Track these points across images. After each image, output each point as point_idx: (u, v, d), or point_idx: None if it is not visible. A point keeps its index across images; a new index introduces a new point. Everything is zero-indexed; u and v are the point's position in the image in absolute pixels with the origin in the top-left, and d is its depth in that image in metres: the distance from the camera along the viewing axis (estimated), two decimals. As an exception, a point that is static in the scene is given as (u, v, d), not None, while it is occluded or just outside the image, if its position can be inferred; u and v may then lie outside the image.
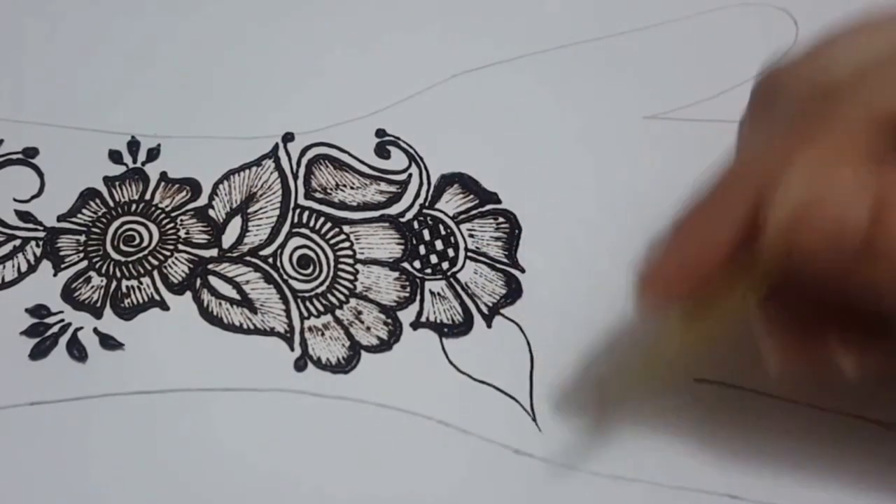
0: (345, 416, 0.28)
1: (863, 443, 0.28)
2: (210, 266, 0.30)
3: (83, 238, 0.31)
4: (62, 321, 0.29)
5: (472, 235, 0.31)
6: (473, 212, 0.32)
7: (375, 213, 0.32)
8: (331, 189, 0.32)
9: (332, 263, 0.31)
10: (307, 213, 0.31)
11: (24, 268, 0.30)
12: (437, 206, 0.32)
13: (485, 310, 0.30)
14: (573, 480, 0.27)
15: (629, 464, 0.27)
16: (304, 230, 0.31)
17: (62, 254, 0.30)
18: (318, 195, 0.32)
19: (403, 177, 0.32)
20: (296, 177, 0.32)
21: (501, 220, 0.32)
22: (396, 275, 0.30)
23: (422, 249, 0.31)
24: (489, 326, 0.30)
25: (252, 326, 0.29)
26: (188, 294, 0.30)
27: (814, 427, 0.28)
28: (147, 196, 0.31)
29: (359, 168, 0.32)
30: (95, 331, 0.29)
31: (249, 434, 0.27)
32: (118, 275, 0.30)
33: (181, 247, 0.31)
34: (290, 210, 0.31)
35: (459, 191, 0.32)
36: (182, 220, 0.31)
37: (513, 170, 0.33)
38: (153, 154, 0.32)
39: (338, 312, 0.30)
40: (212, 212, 0.31)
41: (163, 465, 0.27)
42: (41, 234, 0.31)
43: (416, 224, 0.31)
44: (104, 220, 0.31)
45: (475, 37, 0.36)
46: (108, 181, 0.32)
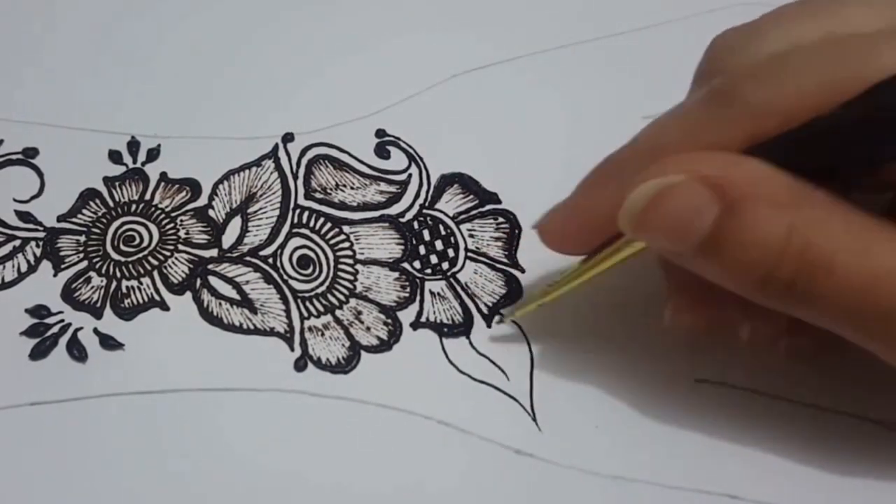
0: (345, 417, 0.28)
1: (863, 443, 0.28)
2: (210, 266, 0.30)
3: (83, 238, 0.31)
4: (62, 321, 0.29)
5: (472, 235, 0.31)
6: (473, 212, 0.32)
7: (375, 214, 0.32)
8: (331, 189, 0.32)
9: (332, 264, 0.31)
10: (307, 214, 0.31)
11: (24, 268, 0.30)
12: (437, 207, 0.32)
13: (485, 310, 0.30)
14: (573, 480, 0.27)
15: (629, 464, 0.27)
16: (304, 230, 0.31)
17: (62, 254, 0.30)
18: (318, 195, 0.32)
19: (403, 177, 0.32)
20: (296, 177, 0.32)
21: (501, 220, 0.32)
22: (396, 275, 0.30)
23: (422, 250, 0.31)
24: (489, 326, 0.30)
25: (252, 327, 0.29)
26: (188, 294, 0.30)
27: (814, 427, 0.28)
28: (147, 196, 0.32)
29: (359, 168, 0.32)
30: (95, 331, 0.29)
31: (249, 434, 0.27)
32: (118, 275, 0.30)
33: (181, 247, 0.31)
34: (290, 210, 0.31)
35: (459, 191, 0.32)
36: (182, 221, 0.31)
37: (513, 170, 0.33)
38: (153, 154, 0.32)
39: (338, 313, 0.30)
40: (212, 212, 0.31)
41: (163, 466, 0.27)
42: (41, 235, 0.31)
43: (416, 224, 0.31)
44: (104, 221, 0.31)
45: (475, 37, 0.36)
46: (108, 181, 0.32)
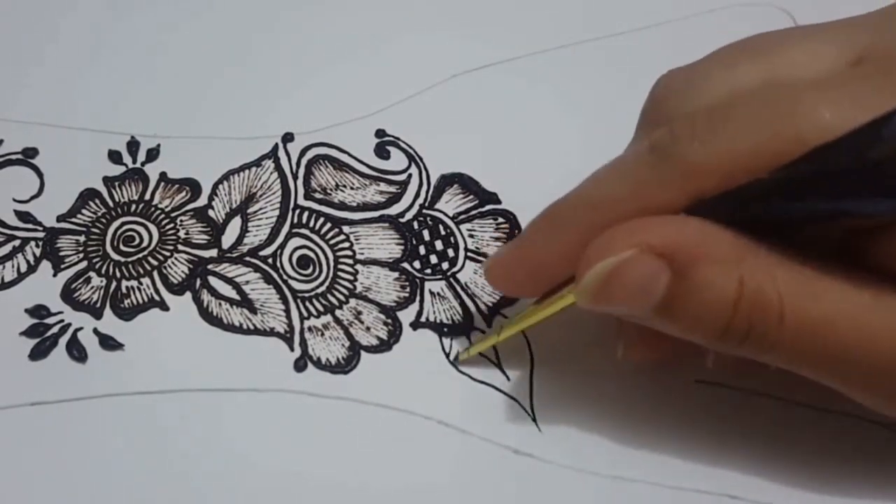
0: (345, 417, 0.28)
1: (863, 443, 0.28)
2: (210, 266, 0.30)
3: (83, 238, 0.31)
4: (62, 322, 0.29)
5: (472, 236, 0.31)
6: (473, 212, 0.32)
7: (375, 214, 0.32)
8: (330, 189, 0.32)
9: (332, 264, 0.31)
10: (307, 214, 0.31)
11: (24, 268, 0.30)
12: (437, 207, 0.32)
13: (485, 310, 0.30)
14: (573, 480, 0.27)
15: (629, 464, 0.27)
16: (304, 230, 0.31)
17: (62, 254, 0.30)
18: (318, 195, 0.32)
19: (403, 177, 0.32)
20: (295, 177, 0.32)
21: (501, 221, 0.32)
22: (396, 275, 0.30)
23: (422, 250, 0.31)
24: (489, 326, 0.30)
25: (252, 327, 0.29)
26: (188, 294, 0.30)
27: (814, 427, 0.28)
28: (147, 196, 0.31)
29: (358, 168, 0.32)
30: (95, 331, 0.29)
31: (249, 434, 0.27)
32: (118, 275, 0.30)
33: (181, 247, 0.31)
34: (290, 210, 0.31)
35: (459, 191, 0.32)
36: (182, 221, 0.31)
37: (513, 170, 0.33)
38: (153, 154, 0.32)
39: (337, 313, 0.30)
40: (211, 212, 0.31)
41: (163, 466, 0.27)
42: (41, 235, 0.31)
43: (416, 224, 0.31)
44: (104, 221, 0.31)
45: (475, 37, 0.36)
46: (108, 181, 0.32)
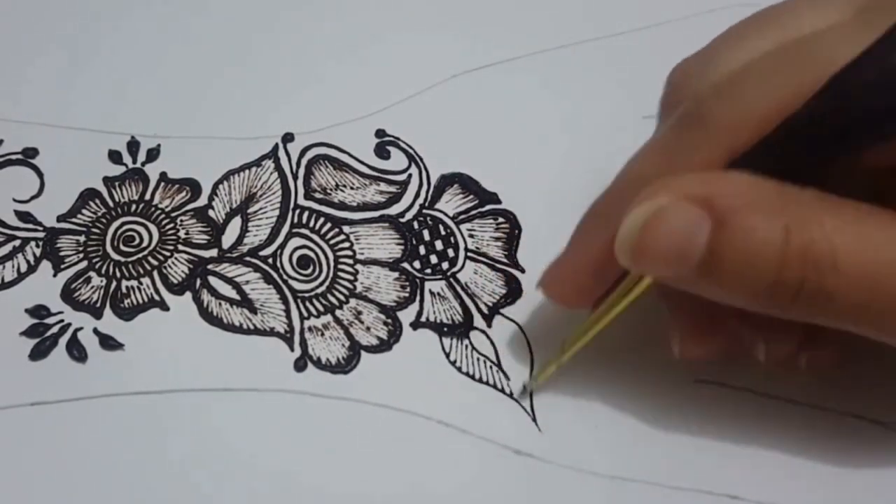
0: (345, 417, 0.28)
1: (863, 443, 0.28)
2: (210, 266, 0.30)
3: (83, 238, 0.31)
4: (62, 321, 0.29)
5: (472, 235, 0.31)
6: (473, 212, 0.32)
7: (375, 214, 0.32)
8: (330, 189, 0.32)
9: (332, 264, 0.31)
10: (307, 214, 0.31)
11: (24, 268, 0.30)
12: (437, 207, 0.32)
13: (485, 310, 0.30)
14: (573, 480, 0.27)
15: (629, 464, 0.27)
16: (304, 230, 0.31)
17: (62, 254, 0.30)
18: (318, 195, 0.32)
19: (403, 177, 0.32)
20: (296, 177, 0.32)
21: (501, 220, 0.32)
22: (396, 275, 0.30)
23: (422, 249, 0.31)
24: (489, 326, 0.30)
25: (252, 327, 0.29)
26: (188, 294, 0.30)
27: (814, 427, 0.28)
28: (147, 196, 0.31)
29: (358, 168, 0.32)
30: (95, 331, 0.29)
31: (249, 434, 0.27)
32: (118, 275, 0.30)
33: (181, 247, 0.31)
34: (290, 210, 0.31)
35: (459, 191, 0.32)
36: (182, 221, 0.31)
37: (513, 170, 0.33)
38: (153, 154, 0.32)
39: (338, 313, 0.30)
40: (211, 212, 0.31)
41: (163, 466, 0.27)
42: (41, 235, 0.31)
43: (416, 224, 0.31)
44: (104, 221, 0.31)
45: (475, 37, 0.36)
46: (108, 181, 0.32)
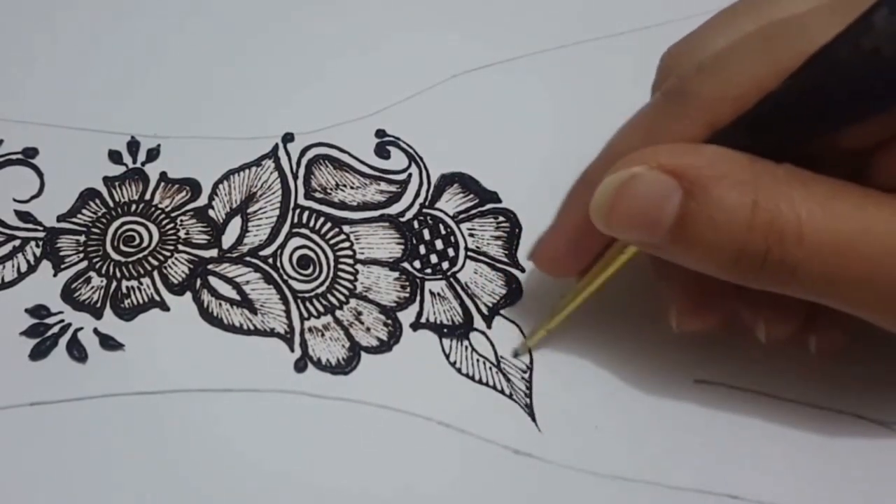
0: (345, 417, 0.28)
1: (863, 443, 0.28)
2: (210, 266, 0.30)
3: (83, 238, 0.31)
4: (62, 321, 0.29)
5: (473, 235, 0.31)
6: (473, 211, 0.32)
7: (375, 213, 0.32)
8: (330, 189, 0.32)
9: (332, 264, 0.31)
10: (307, 213, 0.31)
11: (24, 268, 0.30)
12: (437, 206, 0.32)
13: (485, 311, 0.30)
14: (573, 480, 0.27)
15: (629, 464, 0.27)
16: (304, 230, 0.31)
17: (62, 254, 0.30)
18: (318, 195, 0.32)
19: (403, 176, 0.32)
20: (296, 177, 0.32)
21: (501, 220, 0.32)
22: (396, 275, 0.30)
23: (422, 249, 0.31)
24: (489, 327, 0.30)
25: (252, 327, 0.29)
26: (188, 294, 0.30)
27: (814, 427, 0.28)
28: (147, 196, 0.31)
29: (359, 168, 0.32)
30: (95, 331, 0.29)
31: (249, 435, 0.27)
32: (118, 275, 0.30)
33: (181, 247, 0.31)
34: (290, 210, 0.31)
35: (459, 190, 0.32)
36: (182, 221, 0.31)
37: (513, 169, 0.33)
38: (153, 154, 0.32)
39: (338, 313, 0.30)
40: (212, 212, 0.31)
41: (163, 466, 0.27)
42: (41, 235, 0.31)
43: (416, 224, 0.31)
44: (104, 221, 0.31)
45: (475, 37, 0.36)
46: (108, 181, 0.32)
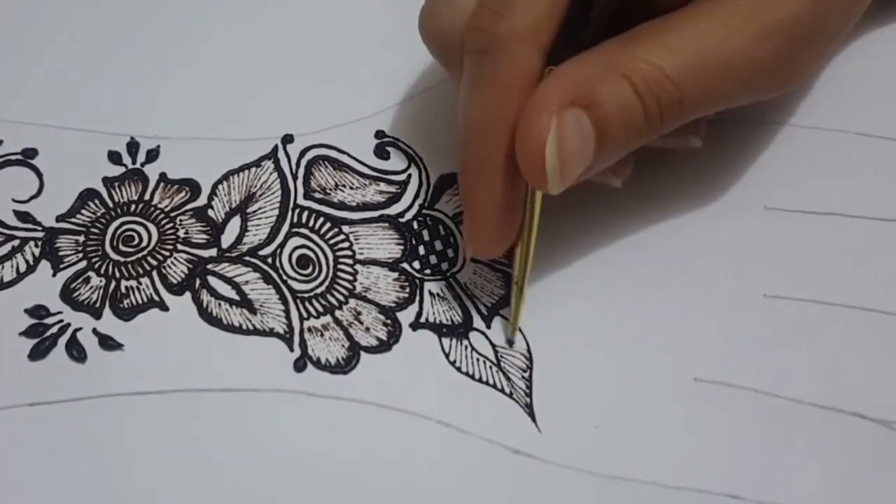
0: (344, 417, 0.28)
1: (864, 443, 0.28)
2: (209, 266, 0.30)
3: (82, 238, 0.31)
4: (61, 322, 0.29)
5: (472, 236, 0.31)
6: (473, 212, 0.32)
7: (375, 214, 0.32)
8: (330, 189, 0.32)
9: (332, 264, 0.30)
10: (306, 213, 0.31)
11: (23, 268, 0.30)
12: (437, 207, 0.32)
13: (484, 310, 0.30)
14: (573, 480, 0.27)
15: (629, 464, 0.27)
16: (304, 230, 0.31)
17: (61, 254, 0.30)
18: (318, 195, 0.32)
19: (403, 177, 0.32)
20: (295, 177, 0.32)
21: (501, 221, 0.32)
22: (396, 275, 0.30)
23: (421, 250, 0.31)
24: (489, 327, 0.30)
25: (251, 327, 0.29)
26: (187, 294, 0.30)
27: (814, 427, 0.28)
28: (146, 196, 0.31)
29: (358, 169, 0.32)
30: (94, 331, 0.29)
31: (249, 435, 0.27)
32: (117, 275, 0.30)
33: (180, 247, 0.31)
34: (290, 210, 0.31)
35: (459, 191, 0.32)
36: (181, 221, 0.31)
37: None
38: (152, 155, 0.32)
39: (337, 313, 0.30)
40: (211, 212, 0.31)
41: (162, 466, 0.27)
42: (40, 235, 0.31)
43: (416, 224, 0.31)
44: (103, 221, 0.31)
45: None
46: (108, 182, 0.32)
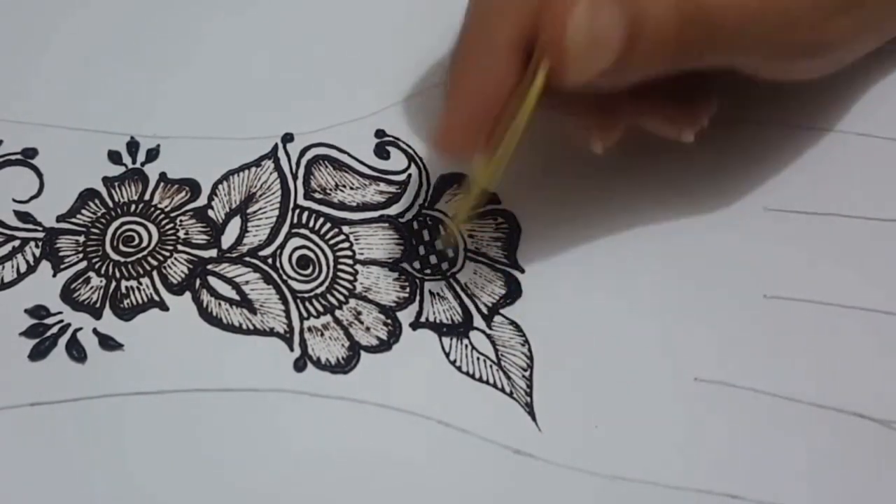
0: (344, 417, 0.28)
1: (864, 442, 0.28)
2: (209, 266, 0.30)
3: (82, 238, 0.31)
4: (61, 322, 0.29)
5: (472, 236, 0.31)
6: (473, 212, 0.32)
7: (375, 214, 0.32)
8: (330, 189, 0.32)
9: (332, 264, 0.30)
10: (307, 214, 0.31)
11: (24, 268, 0.30)
12: (437, 207, 0.32)
13: (484, 310, 0.30)
14: (573, 480, 0.27)
15: (629, 464, 0.27)
16: (304, 230, 0.31)
17: (61, 254, 0.30)
18: (318, 195, 0.32)
19: (403, 177, 0.32)
20: (295, 177, 0.32)
21: (501, 220, 0.32)
22: (396, 275, 0.30)
23: (421, 250, 0.31)
24: (489, 327, 0.30)
25: (251, 327, 0.29)
26: (187, 294, 0.30)
27: (814, 427, 0.28)
28: (146, 196, 0.31)
29: (358, 168, 0.32)
30: (95, 331, 0.29)
31: (249, 434, 0.27)
32: (117, 275, 0.30)
33: (180, 247, 0.31)
34: (290, 210, 0.31)
35: (459, 191, 0.32)
36: (181, 221, 0.31)
37: (512, 171, 0.33)
38: (152, 155, 0.32)
39: (337, 313, 0.30)
40: (211, 212, 0.31)
41: (162, 466, 0.27)
42: (40, 235, 0.31)
43: (416, 224, 0.31)
44: (103, 221, 0.31)
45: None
46: (108, 182, 0.32)
